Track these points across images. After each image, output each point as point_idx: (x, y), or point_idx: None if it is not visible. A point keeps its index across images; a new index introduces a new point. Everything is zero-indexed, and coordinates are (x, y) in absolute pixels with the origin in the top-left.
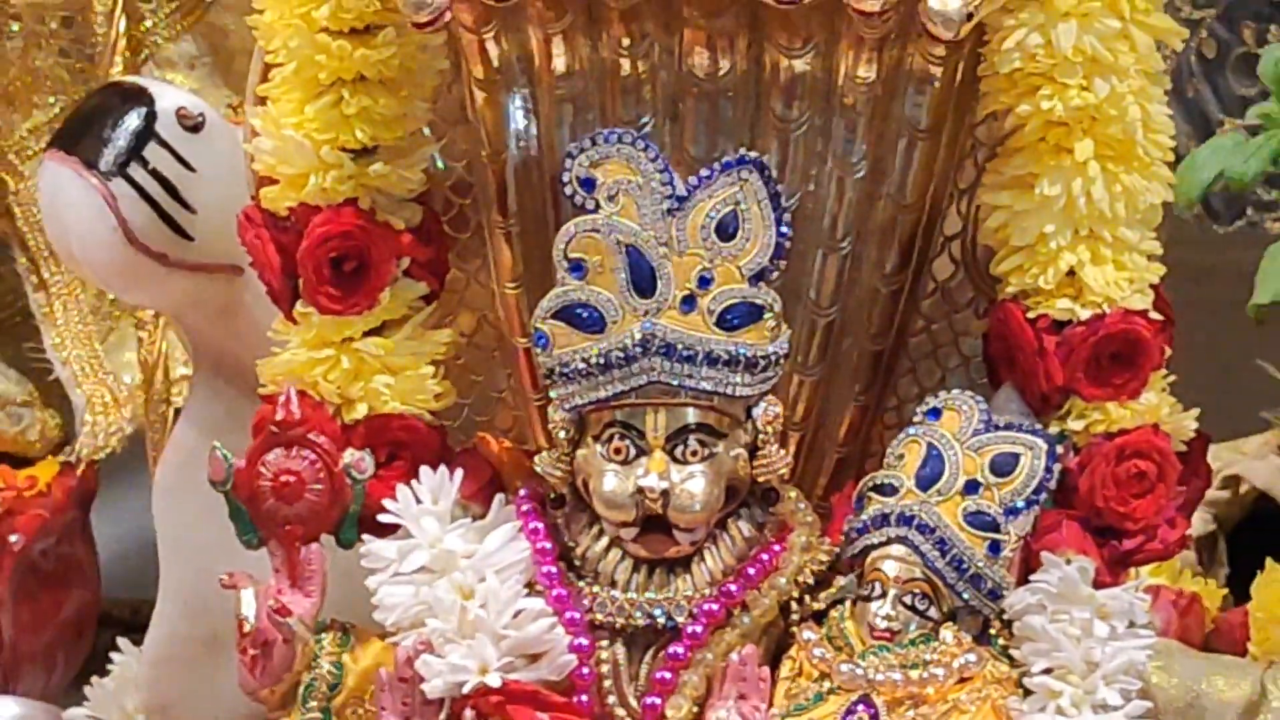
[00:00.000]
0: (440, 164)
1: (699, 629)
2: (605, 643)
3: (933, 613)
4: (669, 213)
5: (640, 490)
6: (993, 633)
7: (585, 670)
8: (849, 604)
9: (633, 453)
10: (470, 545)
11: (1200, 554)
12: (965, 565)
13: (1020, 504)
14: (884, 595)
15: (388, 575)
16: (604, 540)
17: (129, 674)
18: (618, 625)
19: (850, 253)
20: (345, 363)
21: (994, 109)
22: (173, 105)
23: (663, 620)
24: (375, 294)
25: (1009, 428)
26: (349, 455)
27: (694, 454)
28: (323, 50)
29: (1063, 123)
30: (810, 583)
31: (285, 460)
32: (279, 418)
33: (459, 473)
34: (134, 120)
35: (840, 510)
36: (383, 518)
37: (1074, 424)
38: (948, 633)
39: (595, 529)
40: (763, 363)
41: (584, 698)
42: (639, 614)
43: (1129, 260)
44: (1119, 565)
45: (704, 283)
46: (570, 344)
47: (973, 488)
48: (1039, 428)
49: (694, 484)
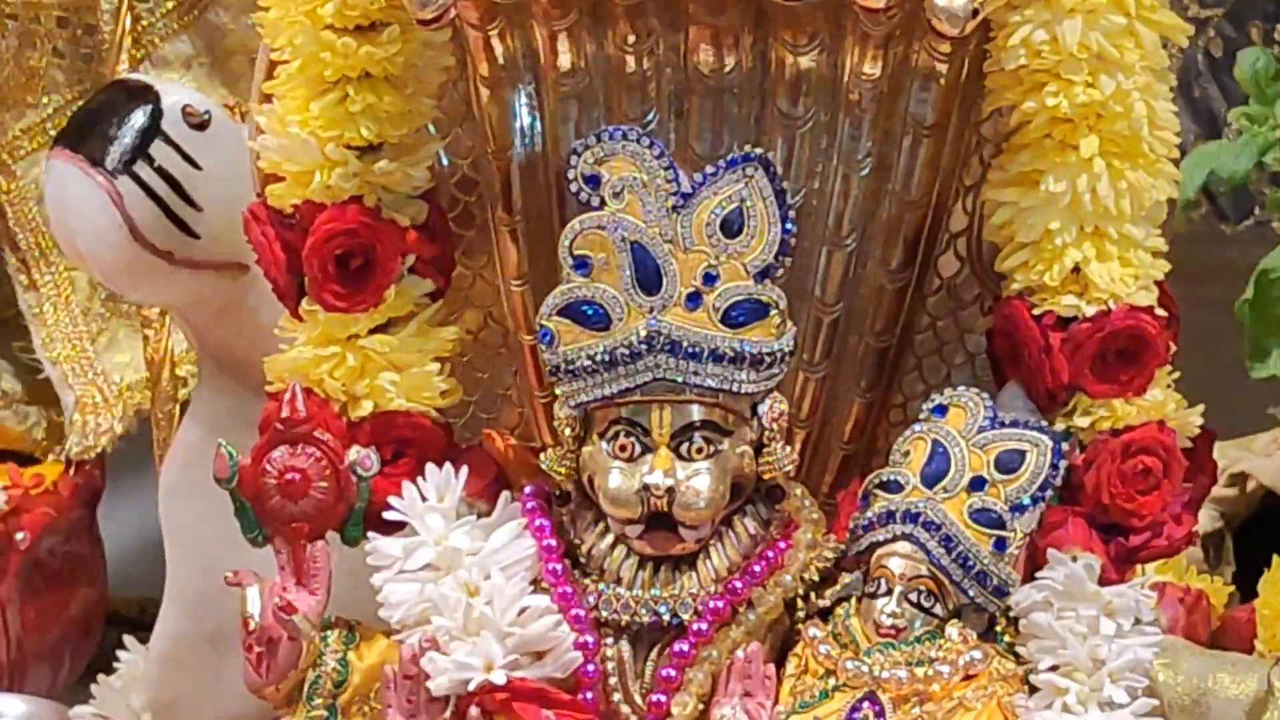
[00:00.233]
0: (445, 161)
1: (704, 626)
2: (610, 640)
3: (938, 610)
4: (674, 210)
5: (645, 487)
6: (998, 630)
7: (590, 668)
8: (854, 601)
9: (638, 450)
10: (475, 542)
11: (1207, 551)
12: (971, 562)
13: (1026, 501)
14: (889, 592)
15: (393, 572)
16: (609, 537)
17: (135, 672)
18: (623, 622)
19: (855, 250)
20: (351, 360)
21: (999, 105)
22: (178, 103)
23: (668, 617)
24: (381, 291)
25: (1014, 425)
26: (354, 453)
27: (699, 451)
28: (328, 47)
29: (1068, 119)
30: (816, 580)
31: (290, 458)
32: (284, 415)
33: (464, 470)
34: (140, 118)
35: (846, 507)
36: (388, 515)
37: (1080, 421)
38: (953, 630)
39: (601, 526)
40: (768, 360)
41: (589, 695)
42: (644, 611)
43: (1134, 257)
44: (1125, 562)
45: (709, 280)
46: (575, 341)
47: (978, 484)
48: (1044, 424)
49: (699, 481)
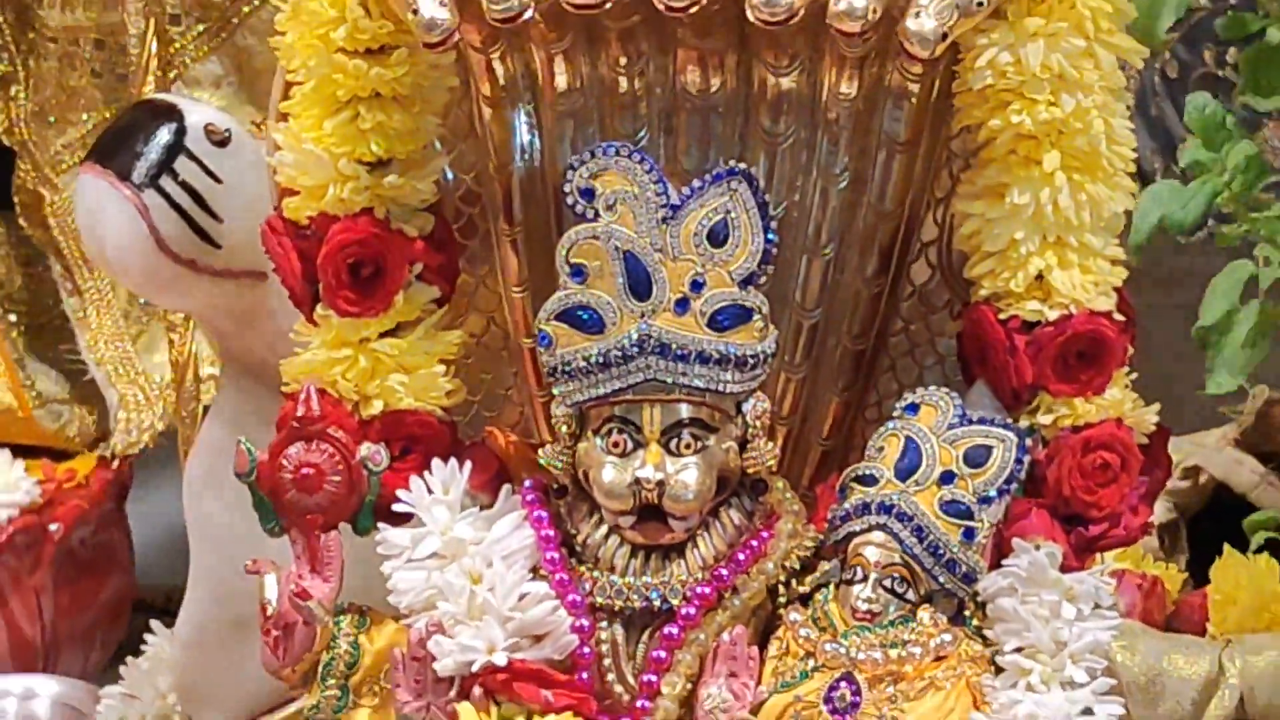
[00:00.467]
0: (450, 175)
1: (692, 611)
2: (605, 624)
3: (911, 595)
4: (664, 221)
5: (637, 481)
6: (967, 614)
7: (586, 650)
8: (833, 587)
9: (630, 446)
10: (478, 533)
11: (1162, 540)
12: (941, 551)
13: (992, 493)
14: (865, 579)
15: (401, 561)
16: (604, 528)
17: (162, 655)
18: (616, 607)
19: (833, 258)
20: (362, 362)
21: (967, 123)
22: (201, 121)
23: (658, 603)
24: (390, 297)
25: (982, 422)
26: (365, 448)
27: (687, 447)
28: (340, 69)
29: (1032, 136)
30: (796, 567)
31: (306, 453)
32: (300, 414)
33: (468, 465)
34: (165, 135)
35: (824, 499)
36: (397, 507)
37: (1043, 418)
38: (925, 614)
39: (595, 517)
40: (752, 361)
41: (585, 675)
42: (636, 597)
43: (1094, 265)
44: (1085, 551)
45: (696, 286)
46: (572, 344)
47: (948, 478)
48: (1010, 422)
49: (687, 475)
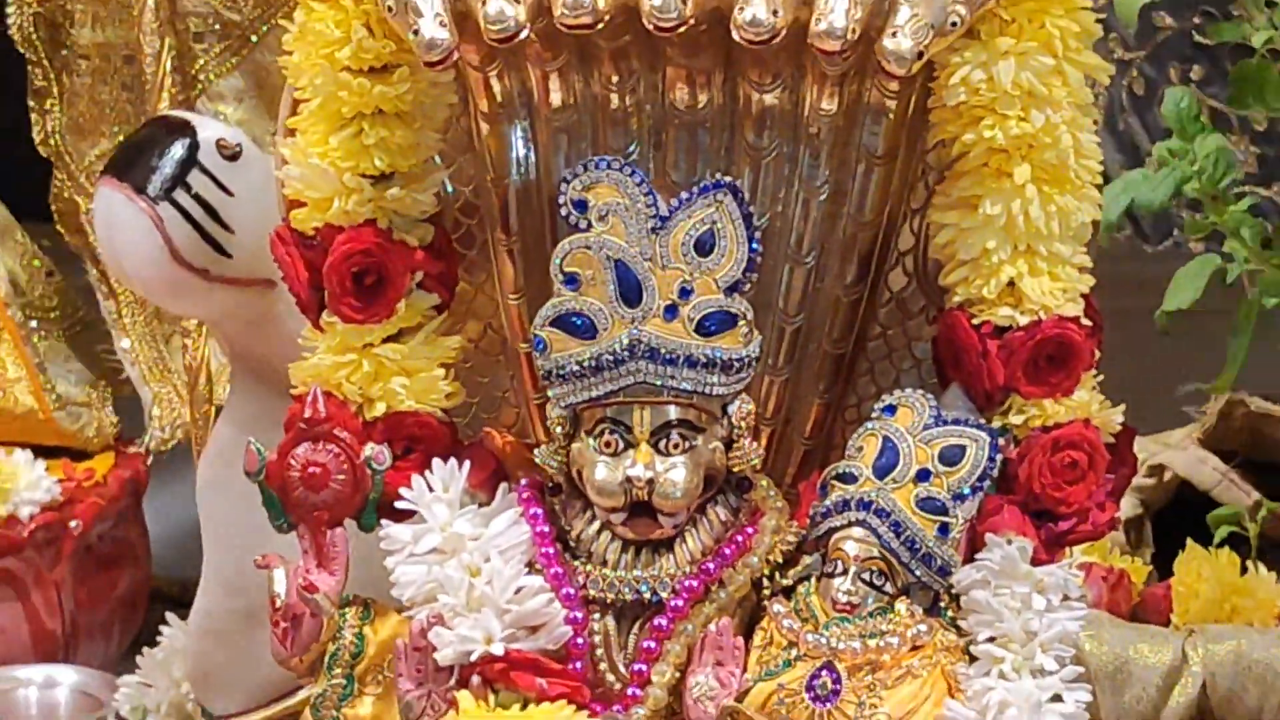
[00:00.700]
0: (449, 188)
1: (680, 603)
2: (597, 616)
3: (889, 588)
4: (653, 231)
5: (628, 479)
6: (942, 605)
7: (580, 640)
8: (814, 580)
9: (621, 446)
10: (477, 529)
11: (1128, 534)
12: (917, 545)
13: (966, 490)
14: (845, 572)
15: (403, 556)
16: (596, 524)
17: (176, 645)
18: (608, 600)
19: (814, 266)
20: (366, 366)
21: (942, 137)
22: (213, 136)
23: (648, 595)
24: (392, 305)
25: (956, 422)
26: (369, 448)
27: (676, 446)
28: (345, 87)
29: (1003, 149)
30: (780, 561)
31: (312, 453)
32: (307, 415)
33: (467, 464)
34: (179, 150)
35: (806, 496)
36: (399, 504)
37: (1014, 419)
38: (902, 606)
39: (588, 514)
40: (737, 365)
41: (578, 665)
42: (627, 590)
43: (1063, 273)
44: (1055, 545)
45: (684, 294)
46: (566, 349)
47: (924, 476)
48: (983, 422)
49: (676, 473)
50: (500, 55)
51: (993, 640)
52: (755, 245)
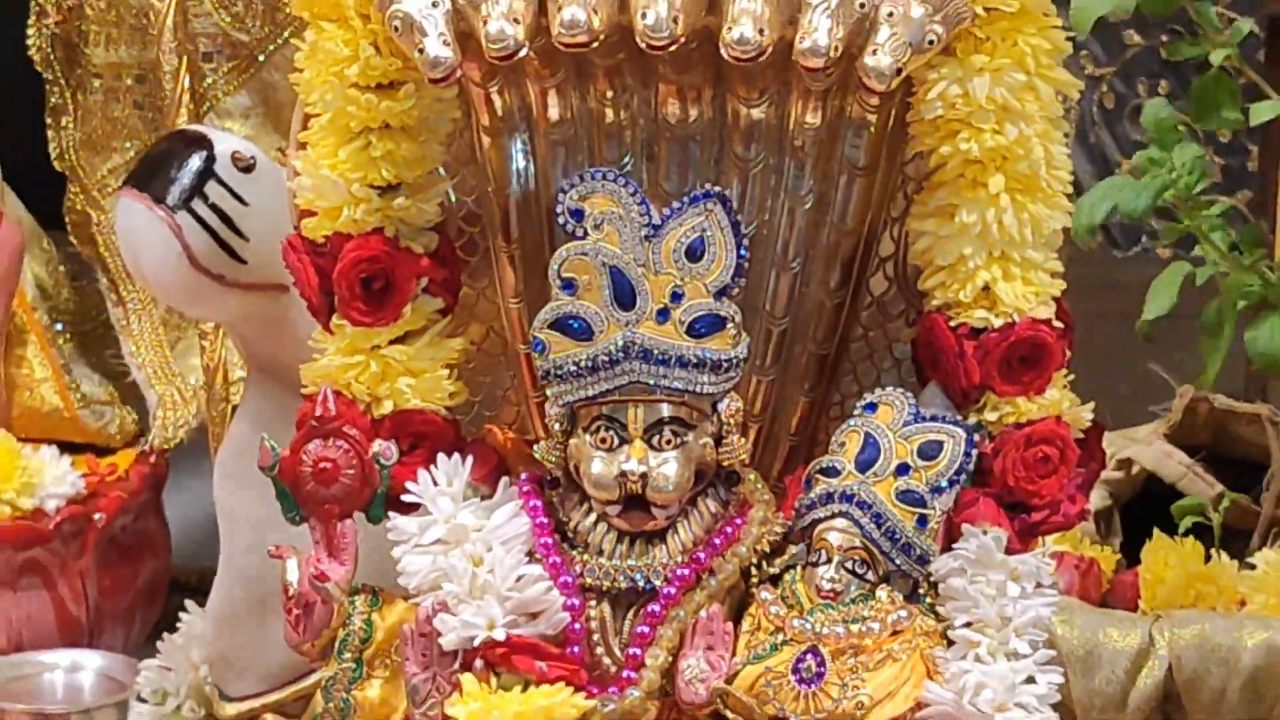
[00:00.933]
0: (453, 198)
1: (673, 590)
2: (594, 603)
3: (870, 576)
4: (646, 239)
5: (623, 473)
6: (921, 592)
7: (577, 626)
8: (799, 569)
9: (616, 442)
10: (479, 520)
11: (1098, 525)
12: (897, 535)
13: (944, 484)
14: (829, 561)
15: (410, 546)
16: (593, 516)
17: (195, 631)
18: (604, 588)
19: (799, 271)
20: (374, 367)
21: (920, 149)
22: (229, 149)
23: (642, 583)
24: (399, 309)
25: (934, 419)
26: (377, 445)
27: (668, 442)
28: (353, 103)
29: (978, 161)
30: (767, 551)
31: (323, 449)
32: (318, 413)
33: (470, 459)
34: (196, 162)
35: (792, 490)
36: (406, 498)
37: (989, 416)
38: (883, 593)
39: (585, 506)
40: (726, 365)
41: (576, 649)
42: (622, 578)
43: (1035, 277)
44: (1028, 535)
45: (676, 298)
46: (563, 350)
47: (903, 470)
48: (959, 419)
49: (668, 468)
50: (501, 72)
51: (969, 625)
52: (743, 252)
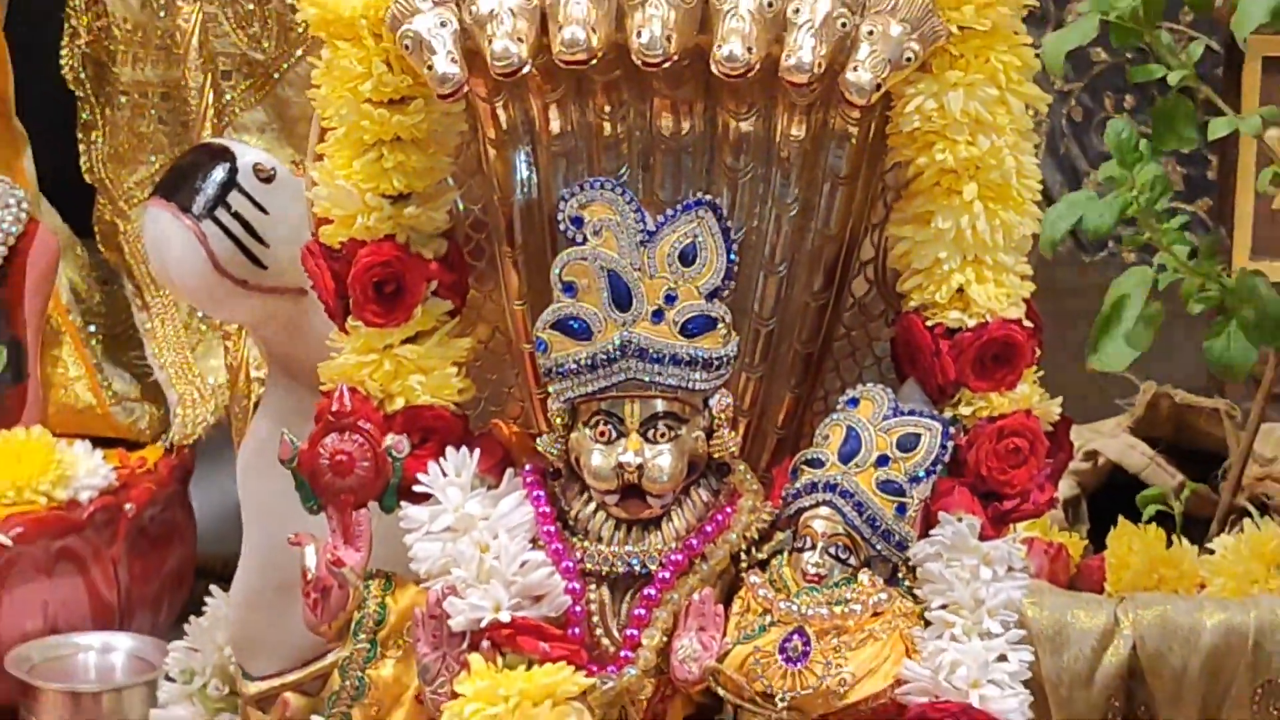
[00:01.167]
0: (461, 206)
1: (667, 575)
2: (593, 587)
3: (852, 561)
4: (642, 244)
5: (620, 465)
6: (900, 576)
7: (578, 609)
8: (786, 554)
9: (614, 435)
10: (486, 509)
11: (1066, 513)
12: (878, 523)
13: (921, 474)
14: (814, 547)
15: (421, 534)
16: (592, 505)
17: (219, 614)
18: (603, 573)
19: (786, 275)
20: (386, 365)
21: (899, 160)
22: (251, 161)
23: (639, 568)
24: (410, 310)
25: (912, 413)
26: (390, 438)
27: (663, 435)
28: (366, 117)
29: (953, 170)
30: (756, 538)
31: (339, 443)
32: (334, 409)
33: (477, 452)
34: (220, 173)
35: (779, 480)
36: (417, 488)
37: (964, 410)
38: (864, 576)
39: (585, 496)
40: (717, 363)
41: (577, 630)
42: (620, 563)
43: (1006, 280)
44: (1000, 522)
45: (670, 300)
46: (564, 349)
47: (883, 461)
48: (936, 413)
49: (663, 459)
50: (505, 88)
51: (945, 607)
52: (733, 256)
